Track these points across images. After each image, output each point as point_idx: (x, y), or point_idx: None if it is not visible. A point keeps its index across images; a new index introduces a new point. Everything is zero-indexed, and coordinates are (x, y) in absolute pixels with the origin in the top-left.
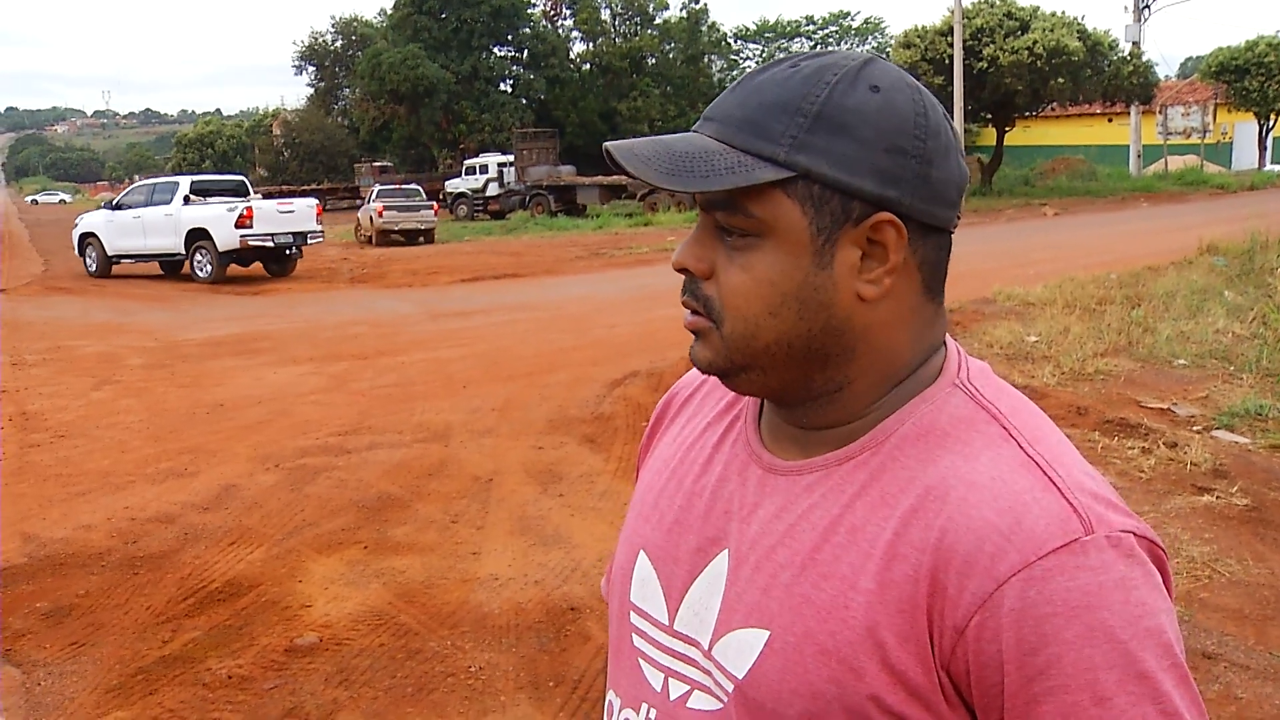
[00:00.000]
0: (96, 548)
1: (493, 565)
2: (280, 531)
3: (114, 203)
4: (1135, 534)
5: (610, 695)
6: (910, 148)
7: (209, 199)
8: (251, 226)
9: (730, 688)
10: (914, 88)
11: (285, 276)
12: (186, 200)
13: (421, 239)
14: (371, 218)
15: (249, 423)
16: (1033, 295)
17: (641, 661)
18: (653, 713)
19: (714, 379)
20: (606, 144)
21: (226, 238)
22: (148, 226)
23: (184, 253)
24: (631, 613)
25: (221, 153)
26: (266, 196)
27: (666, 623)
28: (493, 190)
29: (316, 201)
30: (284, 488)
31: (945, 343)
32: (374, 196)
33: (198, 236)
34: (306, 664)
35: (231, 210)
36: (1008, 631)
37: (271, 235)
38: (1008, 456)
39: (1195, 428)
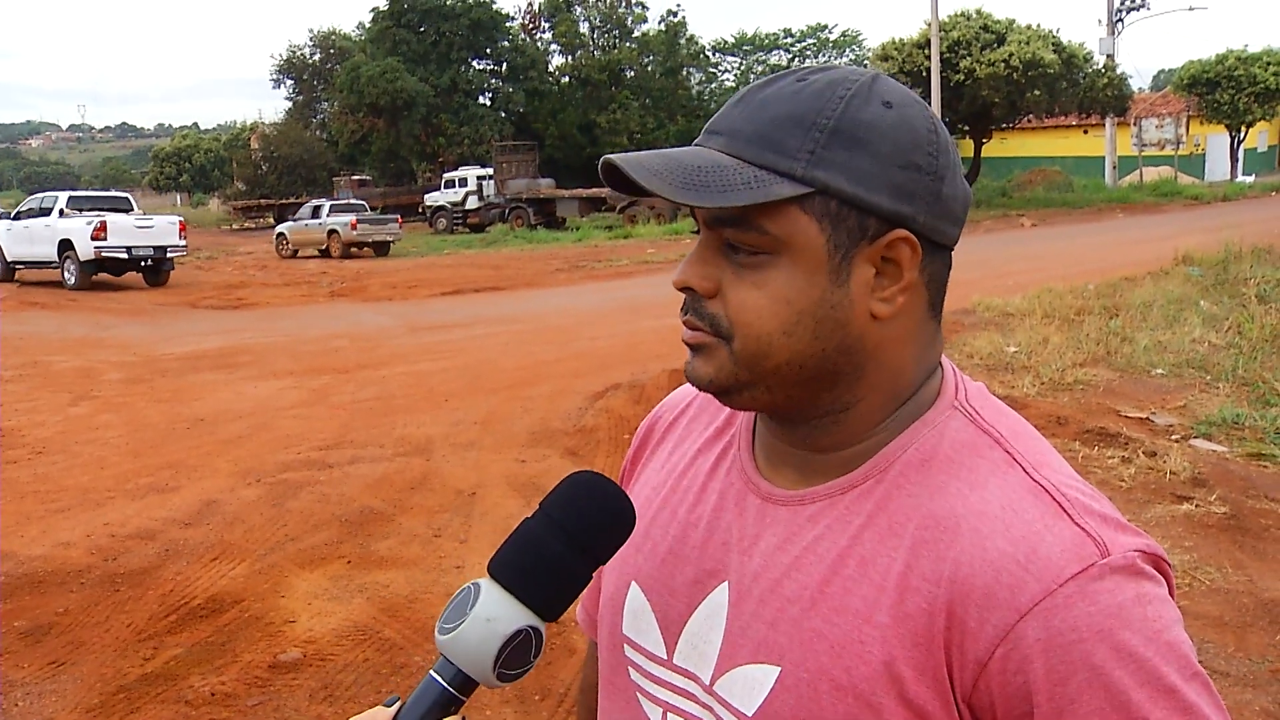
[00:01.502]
0: (76, 565)
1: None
2: (262, 547)
3: (14, 213)
4: (1144, 551)
5: None
6: (924, 164)
7: (84, 213)
8: (106, 239)
9: None
10: (922, 104)
11: (160, 286)
12: (61, 214)
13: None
14: (340, 230)
15: (230, 437)
16: (1012, 306)
17: (639, 696)
18: None
19: (701, 401)
20: (609, 157)
21: (85, 248)
22: (34, 236)
23: (58, 260)
24: (625, 646)
25: (199, 166)
26: (244, 210)
27: (664, 656)
28: (472, 203)
29: (180, 219)
30: (266, 503)
31: (941, 362)
32: (327, 211)
33: (67, 247)
34: (290, 680)
35: (89, 224)
36: (1035, 662)
37: (127, 248)
38: (1014, 483)
39: (1174, 436)
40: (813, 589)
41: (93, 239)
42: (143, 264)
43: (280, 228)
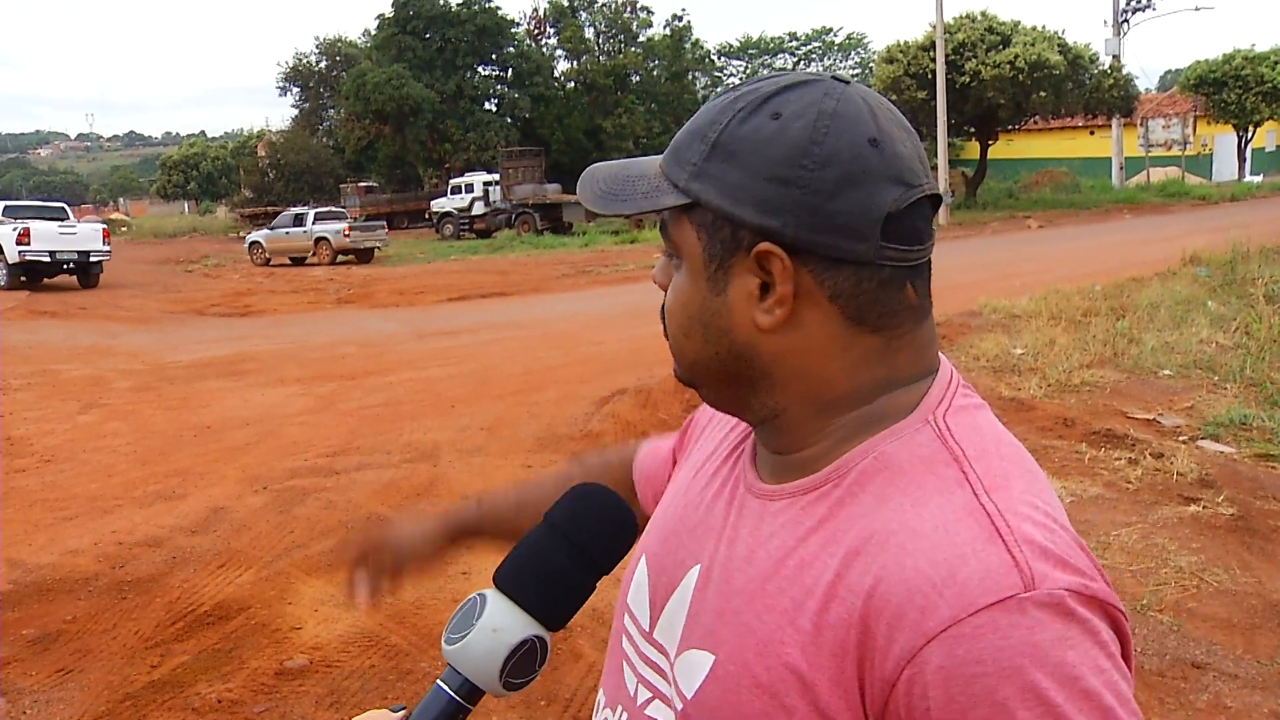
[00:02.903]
0: (84, 573)
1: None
2: (269, 553)
3: None
4: (1081, 592)
5: (600, 692)
6: (795, 177)
7: (17, 220)
8: (30, 244)
9: (680, 706)
10: (825, 114)
11: (91, 288)
12: None
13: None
14: (330, 238)
15: (237, 444)
16: (1018, 307)
17: (624, 664)
18: (625, 715)
19: None
20: (593, 165)
21: (11, 253)
22: None
23: None
24: (625, 614)
25: (206, 174)
26: (251, 218)
27: (647, 629)
28: (478, 209)
29: (104, 227)
30: (273, 509)
31: (938, 375)
32: (312, 220)
33: None
34: (297, 686)
35: (14, 230)
36: (935, 689)
37: (50, 252)
38: (956, 504)
39: (1181, 438)
40: (756, 583)
41: (17, 244)
42: (66, 267)
43: (255, 235)
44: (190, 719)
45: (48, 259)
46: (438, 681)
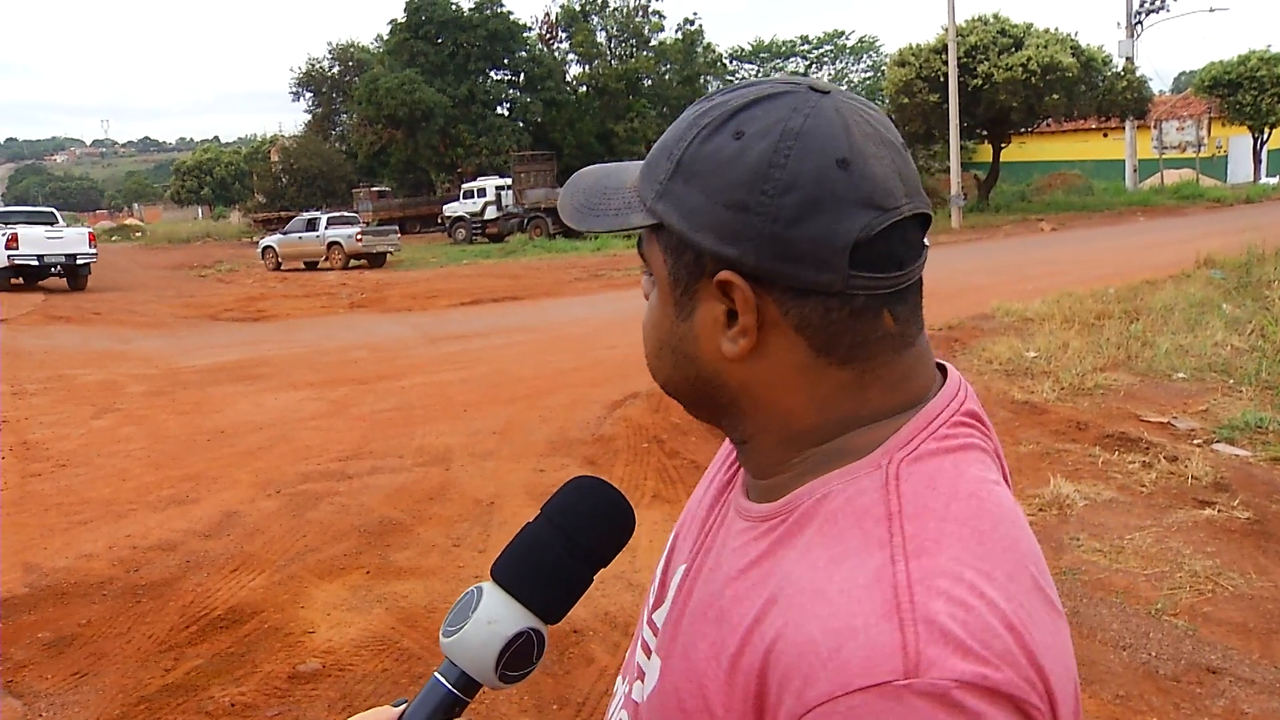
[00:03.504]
0: (98, 576)
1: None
2: (282, 558)
3: None
4: (974, 683)
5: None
6: (754, 203)
7: (8, 225)
8: (18, 249)
9: (640, 706)
10: (790, 134)
11: (80, 290)
12: None
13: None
14: (343, 242)
15: (250, 449)
16: (1031, 310)
17: (640, 641)
18: (623, 689)
19: None
20: (581, 169)
21: (0, 257)
22: None
23: None
24: (651, 587)
25: (220, 179)
26: (264, 223)
27: (650, 611)
28: (491, 213)
29: (90, 231)
30: (285, 514)
31: (921, 411)
32: (324, 225)
33: None
34: (310, 690)
35: (3, 235)
36: None
37: (39, 256)
38: (869, 569)
39: (1196, 441)
40: (701, 606)
41: (6, 248)
42: (54, 270)
43: (268, 241)
44: None
45: (36, 262)
46: (435, 674)
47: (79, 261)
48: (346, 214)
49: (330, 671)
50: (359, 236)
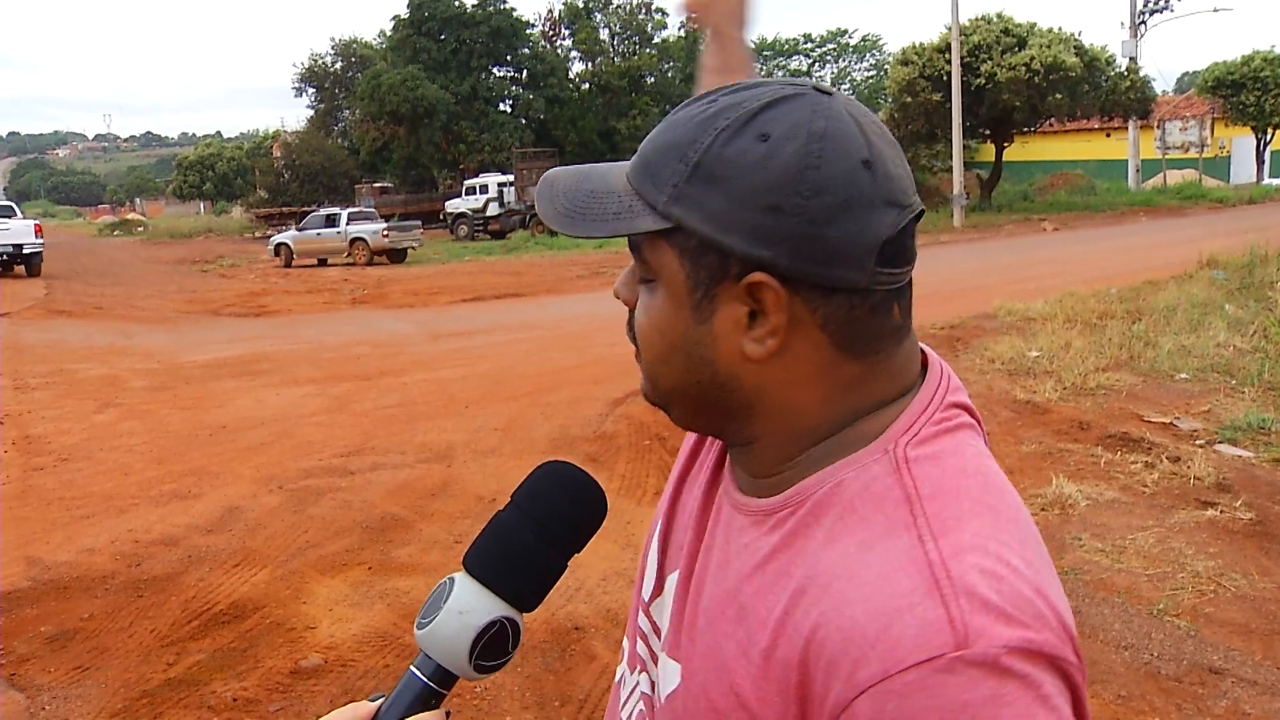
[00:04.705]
0: (100, 571)
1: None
2: (284, 553)
3: None
4: (1021, 648)
5: (625, 642)
6: (789, 206)
7: None
8: None
9: (657, 705)
10: (815, 135)
11: (35, 276)
12: None
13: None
14: (368, 238)
15: (252, 444)
16: (1034, 310)
17: (636, 622)
18: (633, 679)
19: None
20: (549, 170)
21: None
22: None
23: None
24: (641, 576)
25: (222, 175)
26: (266, 218)
27: (647, 601)
28: (493, 210)
29: (36, 223)
30: (287, 509)
31: (915, 396)
32: (346, 220)
33: None
34: (311, 685)
35: None
36: None
37: None
38: (899, 550)
39: (1198, 442)
40: (718, 605)
41: None
42: (2, 259)
43: (281, 237)
44: (206, 717)
45: None
46: (410, 667)
47: (26, 251)
48: (365, 210)
49: (332, 667)
50: (386, 232)
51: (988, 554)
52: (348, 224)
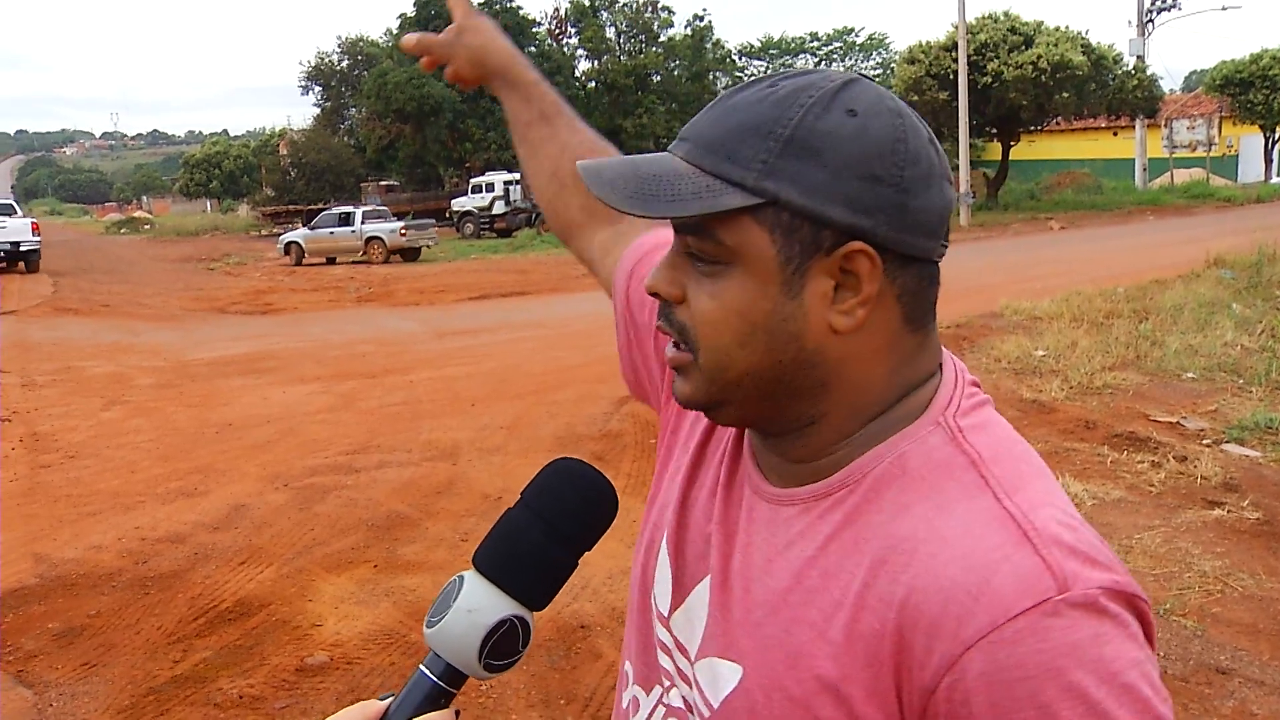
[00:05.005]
0: (107, 568)
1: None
2: (290, 551)
3: None
4: (1111, 588)
5: (626, 665)
6: (886, 175)
7: None
8: None
9: (707, 713)
10: (894, 112)
11: (33, 272)
12: None
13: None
14: (385, 237)
15: (258, 442)
16: (1040, 309)
17: (656, 640)
18: (650, 700)
19: None
20: (578, 163)
21: None
22: None
23: None
24: (644, 592)
25: (228, 173)
26: (273, 216)
27: (666, 614)
28: (499, 208)
29: (33, 221)
30: (293, 507)
31: (942, 373)
32: (360, 219)
33: None
34: (317, 683)
35: None
36: (978, 696)
37: None
38: (981, 509)
39: (1205, 441)
40: (777, 595)
41: None
42: (0, 256)
43: (292, 236)
44: (212, 714)
45: None
46: (420, 666)
47: (24, 249)
48: (378, 208)
49: (338, 664)
50: (404, 231)
51: (1055, 507)
52: (363, 223)
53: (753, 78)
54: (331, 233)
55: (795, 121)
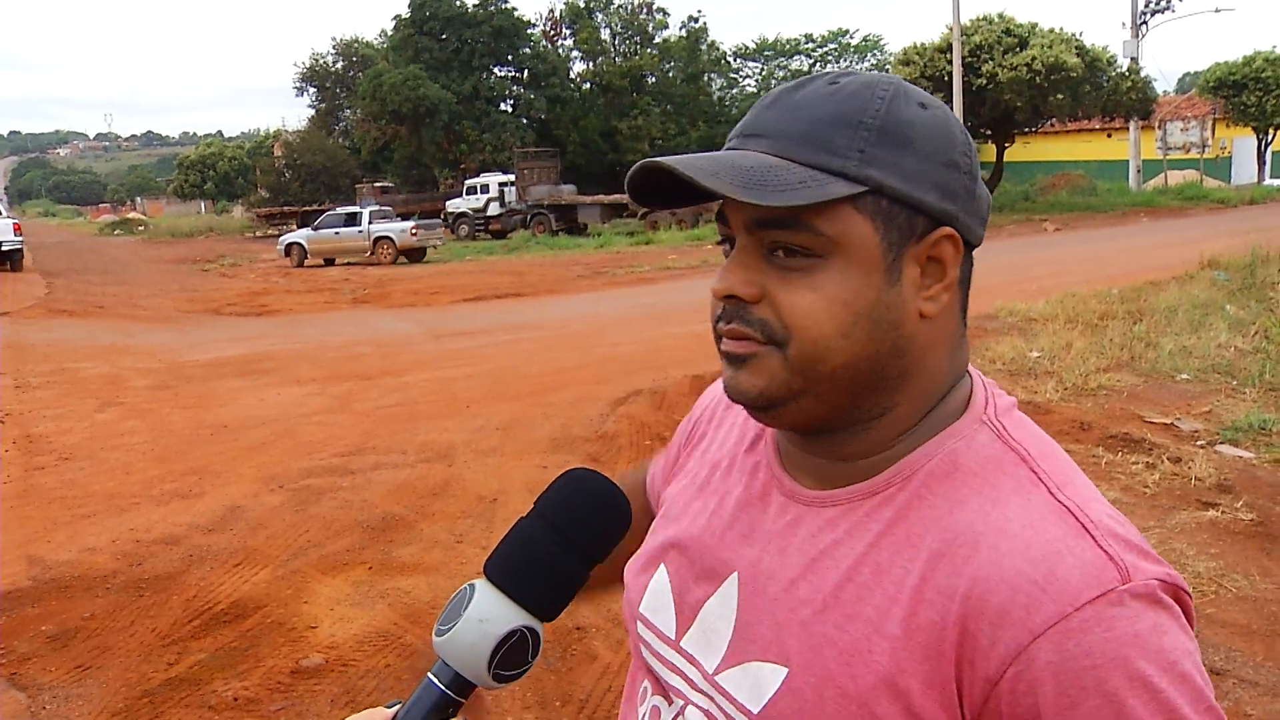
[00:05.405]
0: (102, 570)
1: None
2: (285, 552)
3: None
4: (1164, 580)
5: (645, 678)
6: (962, 163)
7: None
8: None
9: (750, 717)
10: (945, 109)
11: (17, 270)
12: None
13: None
14: (395, 237)
15: (253, 444)
16: (1035, 311)
17: (647, 674)
18: (668, 710)
19: None
20: (647, 160)
21: None
22: None
23: None
24: (639, 622)
25: (223, 174)
26: (267, 217)
27: (673, 637)
28: (494, 210)
29: (15, 221)
30: (289, 509)
31: (970, 373)
32: (367, 219)
33: None
34: (313, 685)
35: None
36: (1046, 684)
37: None
38: (1038, 502)
39: (1199, 442)
40: (826, 593)
41: None
42: None
43: (294, 236)
44: (207, 716)
45: None
46: (428, 674)
47: (6, 249)
48: (383, 208)
49: (333, 667)
50: (414, 231)
51: (1103, 503)
52: (370, 223)
53: (802, 77)
54: (337, 233)
55: (882, 112)
